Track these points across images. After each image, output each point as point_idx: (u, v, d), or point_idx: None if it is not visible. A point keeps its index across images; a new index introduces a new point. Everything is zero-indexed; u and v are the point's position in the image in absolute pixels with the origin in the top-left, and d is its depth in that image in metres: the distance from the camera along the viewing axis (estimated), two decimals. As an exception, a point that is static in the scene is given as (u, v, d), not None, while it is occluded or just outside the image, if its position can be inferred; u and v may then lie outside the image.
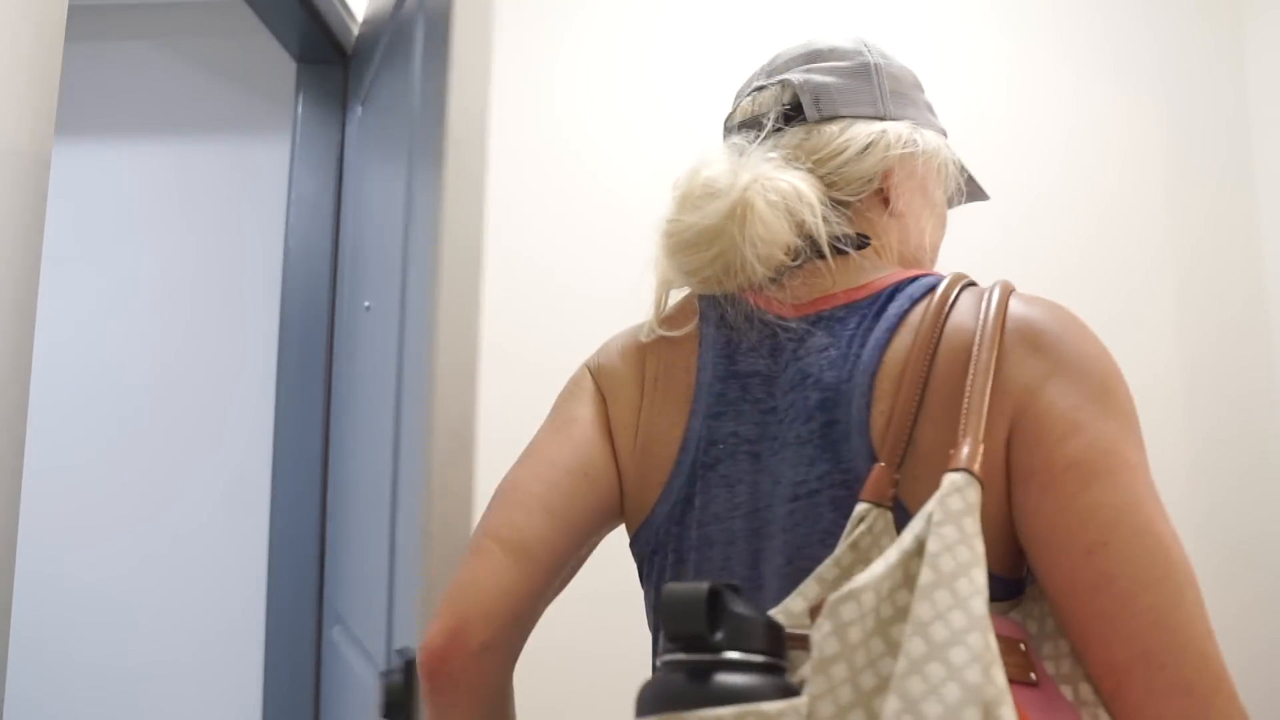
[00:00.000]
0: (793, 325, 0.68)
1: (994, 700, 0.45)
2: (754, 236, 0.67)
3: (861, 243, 0.71)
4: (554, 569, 0.74)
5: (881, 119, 0.73)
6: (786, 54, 0.78)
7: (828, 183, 0.71)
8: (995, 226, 1.82)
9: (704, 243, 0.69)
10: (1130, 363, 1.82)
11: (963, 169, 0.80)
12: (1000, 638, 0.50)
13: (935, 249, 0.78)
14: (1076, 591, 0.54)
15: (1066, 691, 0.55)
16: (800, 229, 0.68)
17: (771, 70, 0.77)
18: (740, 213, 0.67)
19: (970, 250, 1.82)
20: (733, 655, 0.49)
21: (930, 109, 0.79)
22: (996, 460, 0.57)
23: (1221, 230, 1.82)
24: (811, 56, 0.76)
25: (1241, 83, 1.86)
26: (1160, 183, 1.84)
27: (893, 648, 0.49)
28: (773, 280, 0.69)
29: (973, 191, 0.84)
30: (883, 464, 0.58)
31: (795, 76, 0.74)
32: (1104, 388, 0.58)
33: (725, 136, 0.78)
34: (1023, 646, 0.55)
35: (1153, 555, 0.53)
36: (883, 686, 0.48)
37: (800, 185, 0.68)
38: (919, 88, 0.78)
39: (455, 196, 0.93)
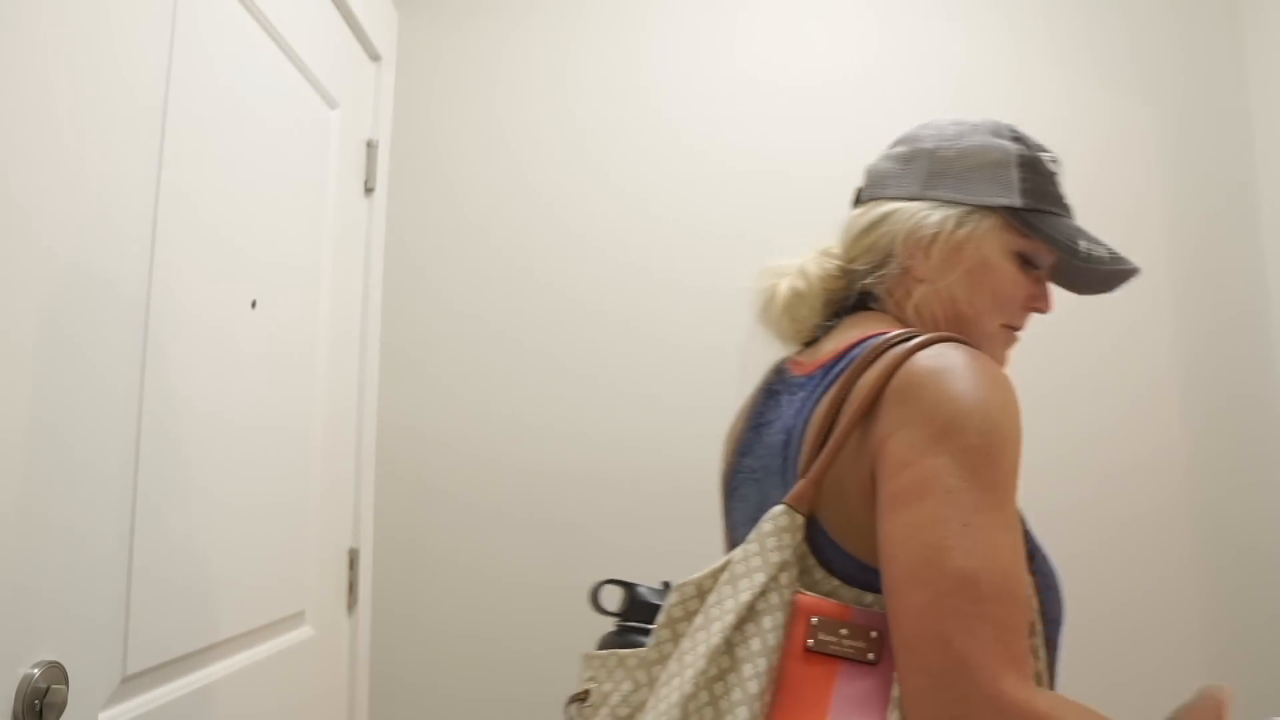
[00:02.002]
0: (795, 381, 0.85)
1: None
2: (777, 316, 0.89)
3: (862, 304, 0.88)
4: None
5: (904, 199, 0.87)
6: (891, 142, 0.93)
7: (850, 256, 0.89)
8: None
9: (758, 318, 0.92)
10: (1130, 363, 1.82)
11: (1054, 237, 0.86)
12: (847, 623, 0.69)
13: (974, 306, 0.86)
14: (884, 593, 0.68)
15: None
16: (818, 305, 0.88)
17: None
18: (762, 299, 0.91)
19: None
20: (628, 623, 0.83)
21: (1006, 185, 0.86)
22: (863, 490, 0.72)
23: (1222, 230, 1.81)
24: (893, 144, 0.92)
25: (1241, 83, 1.85)
26: (1160, 183, 1.83)
27: (680, 625, 0.75)
28: (807, 344, 0.90)
29: (1075, 266, 0.90)
30: (807, 479, 0.75)
31: (870, 162, 0.93)
32: (944, 430, 0.68)
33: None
34: (874, 634, 0.69)
35: (926, 562, 0.64)
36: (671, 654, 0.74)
37: (806, 274, 0.89)
38: (992, 165, 0.86)
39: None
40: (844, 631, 0.69)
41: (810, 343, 0.90)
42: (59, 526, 0.88)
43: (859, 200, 0.92)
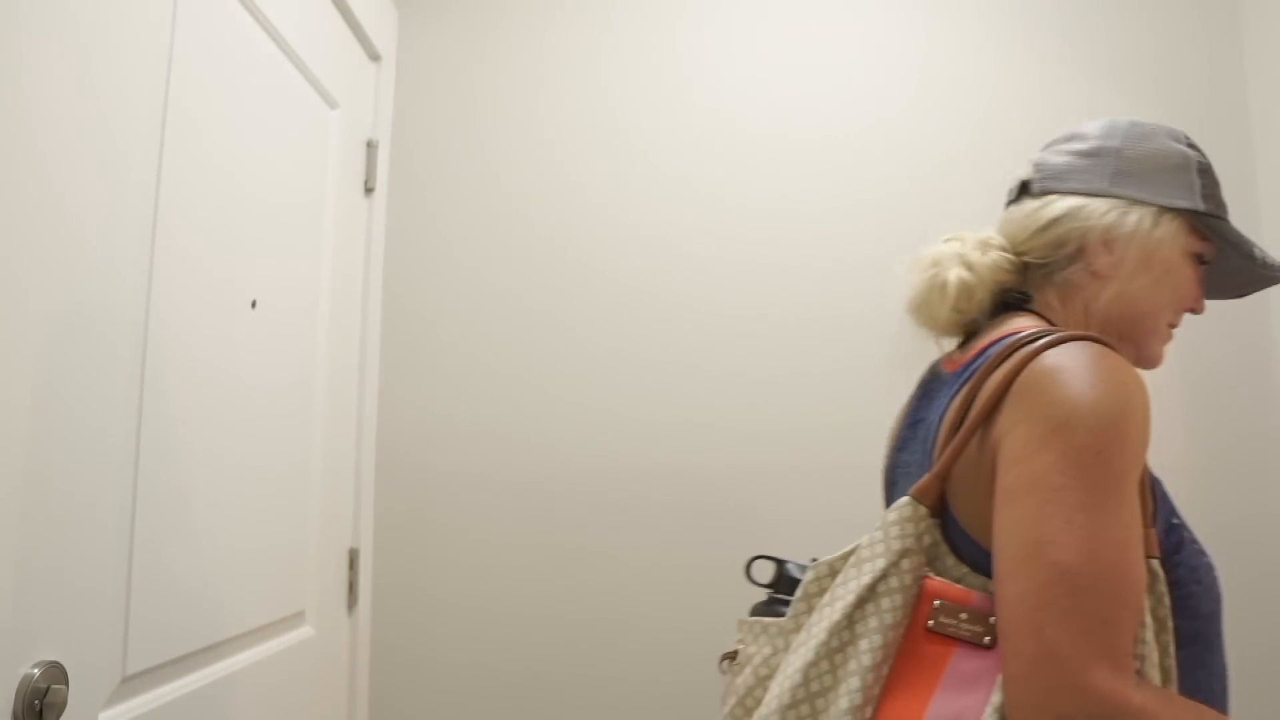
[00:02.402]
0: (945, 378, 0.89)
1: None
2: (941, 308, 0.88)
3: (1018, 302, 0.89)
4: None
5: (1092, 195, 0.88)
6: (1057, 137, 0.94)
7: (1022, 250, 0.90)
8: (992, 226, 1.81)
9: (913, 310, 0.91)
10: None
11: (1235, 245, 0.90)
12: (968, 608, 0.74)
13: (1154, 304, 0.88)
14: (993, 581, 0.71)
15: None
16: (985, 299, 0.88)
17: (1043, 146, 0.95)
18: (917, 295, 0.90)
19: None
20: (776, 595, 0.92)
21: (1189, 188, 0.89)
22: (987, 484, 0.76)
23: (1221, 230, 1.81)
24: (1065, 139, 0.93)
25: (1241, 83, 1.85)
26: (1159, 183, 1.83)
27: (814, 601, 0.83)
28: (962, 343, 0.91)
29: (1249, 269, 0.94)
30: (931, 473, 0.80)
31: (1037, 156, 0.93)
32: (1056, 428, 0.71)
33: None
34: (992, 619, 0.73)
35: (1027, 555, 0.68)
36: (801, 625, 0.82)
37: (974, 268, 0.88)
38: (1175, 169, 0.89)
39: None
40: (964, 615, 0.74)
41: (964, 340, 0.92)
42: (59, 526, 0.89)
43: (1028, 192, 0.92)
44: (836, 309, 1.80)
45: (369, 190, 1.77)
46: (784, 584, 0.93)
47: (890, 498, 0.96)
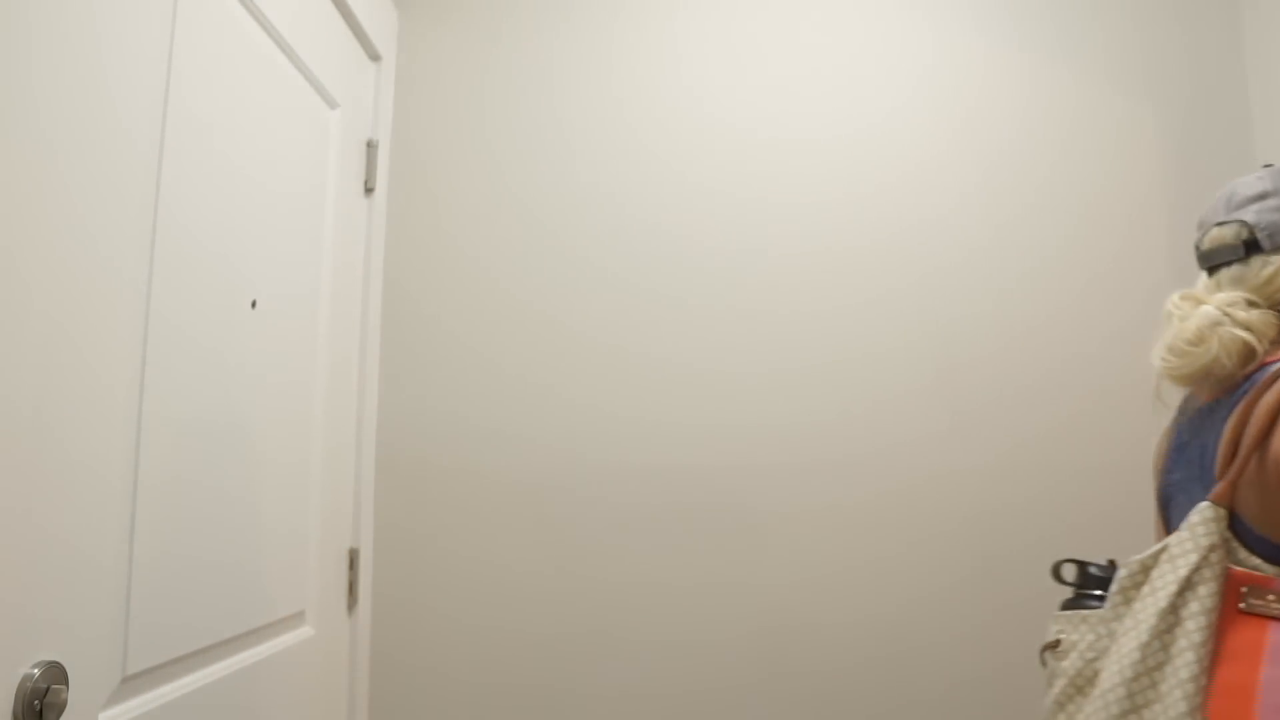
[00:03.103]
0: (1203, 409, 1.03)
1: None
2: (1218, 372, 1.01)
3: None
4: None
5: None
6: (1241, 193, 1.06)
7: (1274, 301, 1.02)
8: (991, 227, 1.81)
9: (1185, 379, 1.04)
10: (1129, 363, 1.82)
11: None
12: (1273, 589, 0.89)
13: None
14: None
15: None
16: (1256, 355, 1.00)
17: (1230, 207, 1.06)
18: (1208, 362, 1.01)
19: (968, 249, 1.81)
20: (1084, 592, 1.07)
21: None
22: (1269, 489, 0.91)
23: (1221, 230, 1.81)
24: (1260, 196, 1.04)
25: (1242, 83, 1.85)
26: (1160, 183, 1.83)
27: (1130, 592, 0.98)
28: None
29: None
30: (1225, 481, 0.94)
31: (1249, 216, 1.04)
32: None
33: (1197, 253, 1.10)
34: None
35: None
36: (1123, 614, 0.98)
37: (1253, 327, 1.00)
38: None
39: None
40: (1270, 596, 0.89)
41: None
42: (59, 527, 0.89)
43: (1258, 250, 1.04)
44: (839, 310, 1.80)
45: (369, 190, 1.77)
46: (1090, 582, 1.08)
47: (1168, 512, 1.10)
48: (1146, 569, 0.97)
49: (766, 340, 1.80)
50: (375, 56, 1.79)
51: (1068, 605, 1.07)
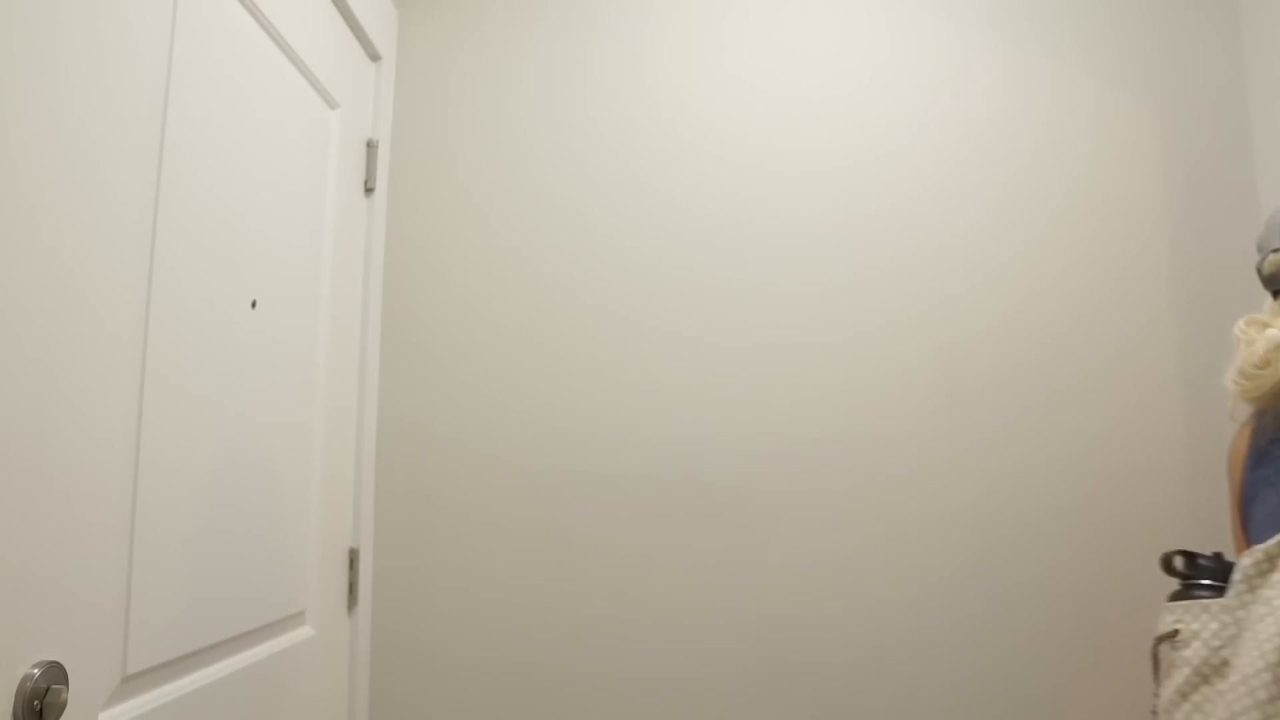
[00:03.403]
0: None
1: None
2: None
3: None
4: None
5: None
6: None
7: None
8: (990, 226, 1.81)
9: (1258, 399, 1.08)
10: (1129, 364, 1.82)
11: None
12: None
13: None
14: None
15: None
16: None
17: None
18: (1276, 383, 1.04)
19: (967, 249, 1.81)
20: (1194, 582, 1.07)
21: None
22: None
23: (1222, 231, 1.81)
24: None
25: (1240, 82, 1.85)
26: (1160, 183, 1.83)
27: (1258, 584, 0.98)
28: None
29: None
30: None
31: None
32: None
33: (1260, 276, 1.14)
34: None
35: None
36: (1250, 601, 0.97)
37: None
38: None
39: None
40: None
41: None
42: (59, 526, 0.89)
43: None
44: (842, 310, 1.81)
45: (369, 190, 1.77)
46: (1201, 572, 1.10)
47: (1250, 511, 1.14)
48: (1272, 558, 0.97)
49: (771, 341, 1.80)
50: (375, 56, 1.79)
51: (1178, 596, 1.08)
